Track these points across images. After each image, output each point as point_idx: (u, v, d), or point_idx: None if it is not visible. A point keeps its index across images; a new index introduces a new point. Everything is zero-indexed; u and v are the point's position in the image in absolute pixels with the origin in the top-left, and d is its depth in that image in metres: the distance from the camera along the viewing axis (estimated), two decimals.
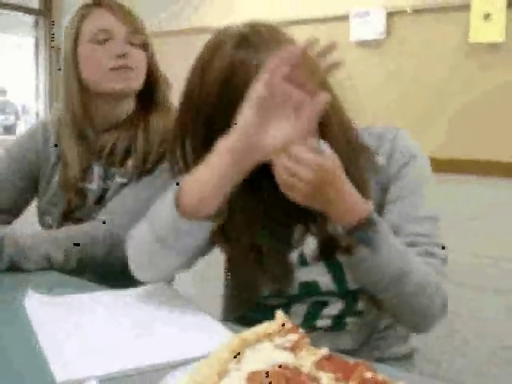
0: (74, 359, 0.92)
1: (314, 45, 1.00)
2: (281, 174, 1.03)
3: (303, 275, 1.22)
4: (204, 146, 1.10)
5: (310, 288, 1.22)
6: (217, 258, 1.30)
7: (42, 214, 1.71)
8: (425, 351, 1.41)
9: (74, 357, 0.93)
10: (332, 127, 1.14)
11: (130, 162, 1.58)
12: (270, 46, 1.09)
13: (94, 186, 1.61)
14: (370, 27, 2.64)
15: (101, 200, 1.60)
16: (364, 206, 1.09)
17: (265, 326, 0.88)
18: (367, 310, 1.24)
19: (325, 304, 1.24)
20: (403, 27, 2.65)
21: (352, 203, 1.07)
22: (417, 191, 1.21)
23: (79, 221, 1.61)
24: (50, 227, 1.68)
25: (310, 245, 1.21)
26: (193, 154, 1.17)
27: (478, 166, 2.39)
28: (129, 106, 1.66)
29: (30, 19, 4.90)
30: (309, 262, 1.22)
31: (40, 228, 1.72)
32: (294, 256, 1.23)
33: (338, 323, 1.24)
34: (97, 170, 1.62)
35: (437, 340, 1.25)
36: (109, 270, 1.45)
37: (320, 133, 1.11)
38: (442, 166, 1.37)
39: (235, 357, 0.82)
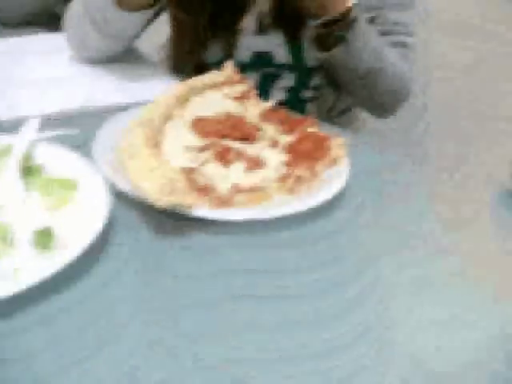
0: (15, 99, 0.90)
1: None
2: None
3: (258, 44, 1.17)
4: None
5: (262, 58, 1.18)
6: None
7: None
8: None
9: (16, 97, 0.91)
10: None
11: None
12: None
13: None
14: None
15: None
16: (344, 1, 1.01)
17: (213, 75, 0.87)
18: (324, 87, 1.21)
19: (277, 76, 1.21)
20: None
21: None
22: None
23: None
24: None
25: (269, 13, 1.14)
26: None
27: None
28: None
29: None
30: (266, 30, 1.16)
31: None
32: (250, 22, 1.17)
33: (294, 97, 1.22)
34: None
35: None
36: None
37: None
38: None
39: (181, 102, 0.81)
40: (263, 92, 1.18)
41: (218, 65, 1.15)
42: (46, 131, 0.76)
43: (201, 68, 1.18)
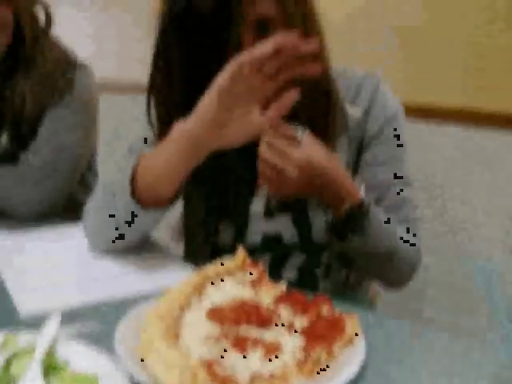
0: (36, 293, 0.94)
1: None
2: (265, 171, 1.01)
3: (267, 226, 1.22)
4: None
5: (272, 240, 1.22)
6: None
7: None
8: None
9: (36, 291, 0.95)
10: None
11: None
12: None
13: None
14: None
15: None
16: (356, 192, 1.08)
17: (226, 262, 0.90)
18: (335, 263, 1.24)
19: (288, 255, 1.24)
20: None
21: (343, 190, 1.07)
22: (401, 154, 1.20)
23: None
24: None
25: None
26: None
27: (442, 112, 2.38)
28: None
29: None
30: (274, 213, 1.21)
31: None
32: (259, 206, 1.22)
33: (306, 275, 1.24)
34: None
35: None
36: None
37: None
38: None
39: (197, 291, 0.84)
40: (275, 272, 1.21)
41: (229, 249, 1.19)
42: (67, 326, 0.78)
43: (213, 253, 1.22)
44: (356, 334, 0.80)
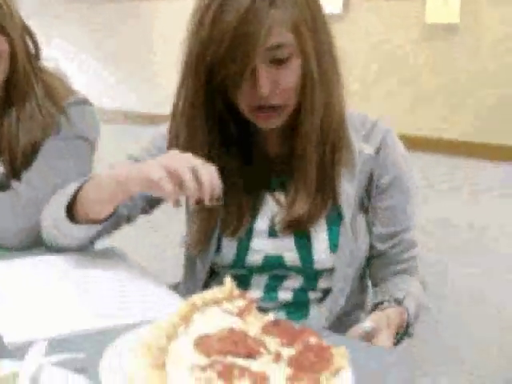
0: (22, 321, 0.93)
1: None
2: None
3: (270, 247, 1.22)
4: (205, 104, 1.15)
5: (273, 261, 1.22)
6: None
7: None
8: None
9: (22, 318, 0.94)
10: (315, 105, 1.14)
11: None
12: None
13: None
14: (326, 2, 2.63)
15: None
16: (401, 315, 1.13)
17: (213, 292, 0.90)
18: (332, 288, 1.23)
19: (285, 277, 1.24)
20: (360, 4, 2.64)
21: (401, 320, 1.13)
22: (412, 198, 1.27)
23: None
24: None
25: (281, 215, 1.21)
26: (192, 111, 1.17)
27: (429, 143, 2.43)
28: None
29: None
30: (278, 233, 1.22)
31: None
32: (263, 224, 1.22)
33: (300, 298, 1.24)
34: None
35: None
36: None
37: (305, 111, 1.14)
38: None
39: (184, 321, 0.83)
40: (270, 291, 1.22)
41: (230, 268, 1.20)
42: (52, 355, 0.78)
43: (212, 272, 1.25)
44: (343, 367, 0.79)
